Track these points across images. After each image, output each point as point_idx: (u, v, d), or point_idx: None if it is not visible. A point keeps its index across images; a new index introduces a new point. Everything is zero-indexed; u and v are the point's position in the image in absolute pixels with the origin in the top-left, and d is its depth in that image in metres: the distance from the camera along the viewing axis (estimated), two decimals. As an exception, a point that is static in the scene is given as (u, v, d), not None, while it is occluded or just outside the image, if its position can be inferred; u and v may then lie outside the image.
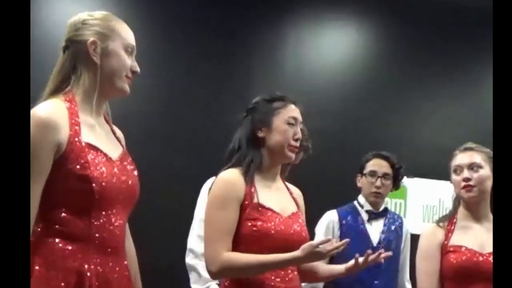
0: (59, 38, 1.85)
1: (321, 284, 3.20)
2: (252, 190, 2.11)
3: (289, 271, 2.12)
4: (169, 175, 4.27)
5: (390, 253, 2.23)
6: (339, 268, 2.29)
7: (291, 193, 2.30)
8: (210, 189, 2.17)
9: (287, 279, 2.10)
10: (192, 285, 2.86)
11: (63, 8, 4.15)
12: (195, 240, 2.84)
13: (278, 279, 2.07)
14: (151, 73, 4.30)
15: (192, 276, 2.85)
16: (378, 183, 3.22)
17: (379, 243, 3.19)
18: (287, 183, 2.33)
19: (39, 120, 1.64)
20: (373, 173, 3.24)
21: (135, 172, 1.84)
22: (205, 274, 2.76)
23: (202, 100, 4.51)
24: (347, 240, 2.04)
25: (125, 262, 1.81)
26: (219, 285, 2.72)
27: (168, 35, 4.50)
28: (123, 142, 1.92)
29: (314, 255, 1.99)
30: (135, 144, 4.43)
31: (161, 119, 4.42)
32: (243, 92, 4.45)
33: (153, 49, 4.35)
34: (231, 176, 2.13)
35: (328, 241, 2.02)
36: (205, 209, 2.14)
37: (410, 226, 3.42)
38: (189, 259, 2.86)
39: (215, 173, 2.86)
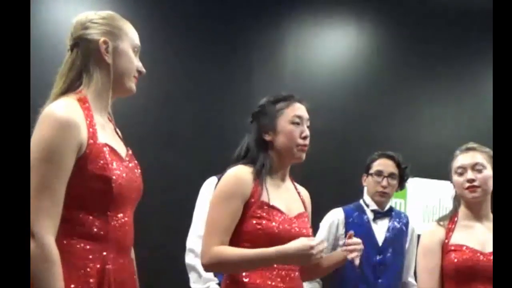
0: (59, 38, 1.85)
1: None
2: (260, 188, 2.11)
3: (290, 271, 2.12)
4: (169, 175, 4.27)
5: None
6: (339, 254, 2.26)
7: (299, 194, 2.30)
8: (217, 184, 2.18)
9: (287, 279, 2.10)
10: (192, 284, 2.87)
11: (63, 8, 4.15)
12: (195, 240, 2.85)
13: (279, 279, 2.08)
14: (151, 73, 4.30)
15: (192, 276, 2.87)
16: (384, 182, 3.23)
17: (384, 242, 3.20)
18: (296, 184, 2.33)
19: (61, 120, 1.62)
20: (379, 173, 3.25)
21: (139, 171, 1.85)
22: (205, 274, 2.77)
23: (202, 101, 4.51)
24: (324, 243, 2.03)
25: (132, 261, 1.85)
26: (219, 284, 2.73)
27: (168, 36, 4.50)
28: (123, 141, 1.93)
29: (305, 248, 1.95)
30: (135, 144, 4.43)
31: (162, 119, 4.42)
32: (244, 93, 4.46)
33: (154, 49, 4.35)
34: (240, 173, 2.13)
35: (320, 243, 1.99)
36: (210, 201, 2.15)
37: (414, 226, 3.42)
38: (189, 259, 2.87)
39: (215, 173, 2.88)
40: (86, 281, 1.63)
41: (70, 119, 1.64)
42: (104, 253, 1.68)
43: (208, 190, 2.85)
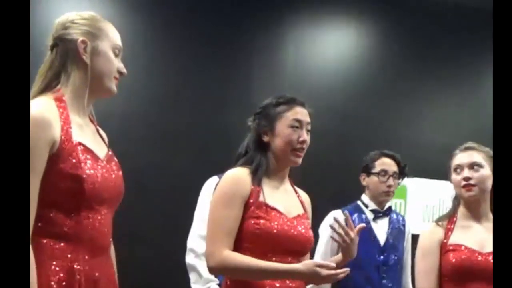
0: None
1: (328, 285, 3.20)
2: (258, 189, 2.12)
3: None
4: (169, 175, 4.27)
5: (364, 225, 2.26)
6: (337, 256, 2.27)
7: (299, 196, 2.30)
8: (217, 185, 2.19)
9: (289, 280, 2.09)
10: (192, 285, 2.86)
11: (63, 8, 4.15)
12: (196, 240, 2.84)
13: (279, 279, 2.07)
14: (152, 74, 4.30)
15: (192, 276, 2.86)
16: (391, 181, 3.23)
17: (386, 241, 3.20)
18: (295, 187, 2.33)
19: (33, 118, 1.63)
20: (384, 173, 3.25)
21: (120, 173, 1.85)
22: (206, 274, 2.76)
23: (203, 100, 4.51)
24: (347, 269, 2.04)
25: (110, 261, 1.84)
26: (219, 285, 2.72)
27: (169, 36, 4.50)
28: (107, 142, 1.92)
29: (315, 274, 1.99)
30: (135, 144, 4.45)
31: (162, 119, 4.42)
32: (244, 93, 4.47)
33: (154, 50, 4.35)
34: (238, 174, 2.14)
35: (332, 267, 2.02)
36: (210, 204, 2.15)
37: (410, 226, 3.43)
38: (190, 259, 2.86)
39: (215, 173, 2.88)
40: (55, 281, 1.63)
41: (42, 117, 1.64)
42: (75, 253, 1.67)
43: (209, 190, 2.84)
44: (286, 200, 2.21)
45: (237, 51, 4.63)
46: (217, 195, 2.14)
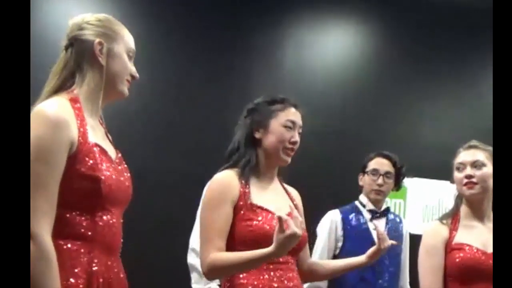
0: (60, 38, 1.85)
1: (324, 284, 3.21)
2: (247, 190, 2.12)
3: (289, 270, 2.12)
4: (169, 175, 4.27)
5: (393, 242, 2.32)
6: (358, 259, 2.28)
7: (289, 195, 2.30)
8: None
9: (285, 279, 2.09)
10: (193, 285, 2.86)
11: (63, 8, 4.15)
12: (198, 240, 2.83)
13: (275, 279, 2.07)
14: (151, 74, 4.30)
15: (193, 276, 2.85)
16: (380, 181, 3.25)
17: None
18: (285, 185, 2.33)
19: (52, 119, 1.62)
20: (375, 172, 3.27)
21: (129, 174, 1.85)
22: None
23: (203, 101, 4.51)
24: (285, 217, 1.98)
25: (120, 262, 1.82)
26: (220, 286, 2.72)
27: (168, 35, 4.51)
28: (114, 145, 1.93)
29: (287, 239, 1.89)
30: (137, 145, 4.45)
31: (162, 120, 4.42)
32: (244, 93, 4.46)
33: (153, 50, 4.35)
34: (225, 177, 2.14)
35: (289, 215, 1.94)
36: (200, 209, 2.15)
37: (410, 226, 3.43)
38: (191, 259, 2.85)
39: (214, 172, 2.87)
40: (75, 283, 1.62)
41: (60, 117, 1.63)
42: (91, 254, 1.67)
43: None
44: (276, 199, 2.20)
45: (237, 51, 4.64)
46: (205, 200, 2.14)
